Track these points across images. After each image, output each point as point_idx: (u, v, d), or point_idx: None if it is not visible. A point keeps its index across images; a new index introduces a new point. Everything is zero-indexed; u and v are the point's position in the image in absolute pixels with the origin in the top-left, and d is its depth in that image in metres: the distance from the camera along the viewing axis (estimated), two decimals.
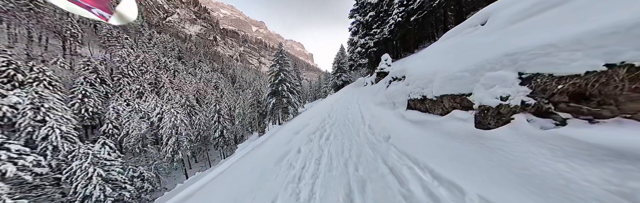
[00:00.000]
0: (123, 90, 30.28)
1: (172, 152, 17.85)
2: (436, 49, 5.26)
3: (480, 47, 2.91)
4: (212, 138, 23.87)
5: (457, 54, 3.50)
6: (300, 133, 6.02)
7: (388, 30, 14.75)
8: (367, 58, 20.21)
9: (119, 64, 33.65)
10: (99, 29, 41.48)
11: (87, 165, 11.29)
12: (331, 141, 4.14)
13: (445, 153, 2.25)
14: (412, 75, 4.78)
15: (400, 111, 4.67)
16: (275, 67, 20.47)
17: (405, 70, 5.68)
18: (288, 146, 4.74)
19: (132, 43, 44.48)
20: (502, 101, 2.01)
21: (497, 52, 2.31)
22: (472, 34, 3.91)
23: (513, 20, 2.80)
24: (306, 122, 7.67)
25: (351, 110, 7.58)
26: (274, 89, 20.56)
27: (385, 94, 6.65)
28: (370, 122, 4.80)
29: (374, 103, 7.36)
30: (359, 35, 19.23)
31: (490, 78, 2.20)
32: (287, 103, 20.34)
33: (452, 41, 4.54)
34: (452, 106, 3.02)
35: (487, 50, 2.58)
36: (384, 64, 11.72)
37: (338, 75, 31.20)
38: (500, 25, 3.02)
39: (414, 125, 3.53)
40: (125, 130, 22.13)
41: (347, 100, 10.64)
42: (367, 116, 5.59)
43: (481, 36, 3.31)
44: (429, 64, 4.31)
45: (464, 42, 3.72)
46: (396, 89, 5.75)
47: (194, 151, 26.39)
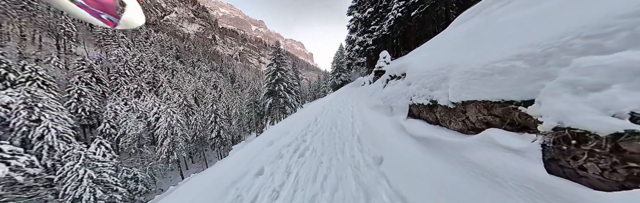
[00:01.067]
0: (120, 90, 29.95)
1: (167, 152, 17.55)
2: (448, 36, 4.25)
3: (536, 19, 1.83)
4: (209, 138, 23.56)
5: (486, 37, 2.43)
6: (274, 144, 4.96)
7: (387, 26, 14.20)
8: (365, 56, 19.60)
9: (115, 63, 33.25)
10: (94, 28, 41.02)
11: (78, 166, 10.99)
12: (306, 159, 3.26)
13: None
14: (415, 71, 3.81)
15: (399, 119, 3.72)
16: (272, 66, 20.05)
17: (405, 66, 4.71)
18: (250, 164, 3.81)
19: (128, 42, 44.03)
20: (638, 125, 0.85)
21: (600, 14, 1.18)
22: (507, 7, 2.95)
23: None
24: (287, 129, 6.53)
25: (343, 114, 6.60)
26: (270, 88, 20.14)
27: (382, 95, 5.60)
28: (360, 133, 3.98)
29: (368, 106, 6.34)
30: (357, 33, 18.58)
31: (588, 69, 1.05)
32: (284, 104, 19.97)
33: (473, 23, 3.58)
34: (483, 120, 1.90)
35: (559, 21, 1.47)
36: (382, 62, 11.22)
37: (337, 74, 30.92)
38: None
39: (419, 144, 2.53)
40: (122, 130, 21.83)
41: (341, 102, 10.00)
42: (359, 123, 4.72)
43: (526, 7, 2.31)
44: (440, 56, 3.27)
45: (496, 20, 2.69)
46: (394, 90, 4.72)
47: (191, 151, 26.10)
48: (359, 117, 5.46)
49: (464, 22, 4.30)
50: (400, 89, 4.35)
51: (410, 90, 3.67)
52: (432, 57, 3.61)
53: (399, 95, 4.23)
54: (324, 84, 52.36)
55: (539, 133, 1.31)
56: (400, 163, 2.26)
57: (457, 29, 4.29)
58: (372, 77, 12.17)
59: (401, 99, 4.04)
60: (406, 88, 3.93)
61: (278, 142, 5.05)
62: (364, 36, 17.50)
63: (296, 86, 26.12)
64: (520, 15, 2.19)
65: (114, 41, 39.94)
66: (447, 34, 4.76)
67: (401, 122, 3.52)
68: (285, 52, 24.83)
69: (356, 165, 2.58)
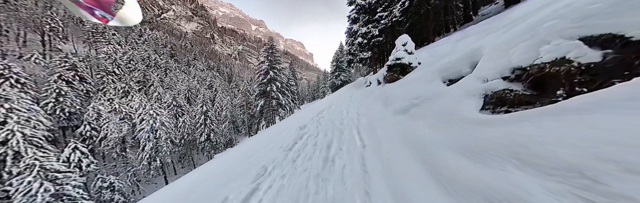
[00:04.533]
0: (107, 89, 28.33)
1: (149, 158, 15.91)
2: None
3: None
4: (198, 142, 21.90)
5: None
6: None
7: (399, 10, 11.72)
8: (369, 51, 16.33)
9: (103, 60, 31.63)
10: (84, 24, 39.39)
11: (31, 179, 9.40)
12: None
13: None
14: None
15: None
16: (263, 64, 18.23)
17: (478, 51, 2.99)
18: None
19: (120, 39, 42.40)
20: None
21: None
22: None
23: None
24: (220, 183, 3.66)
25: (343, 142, 3.61)
26: (262, 89, 18.33)
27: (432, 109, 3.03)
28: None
29: (392, 122, 3.68)
30: (360, 23, 15.82)
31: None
32: (277, 106, 18.22)
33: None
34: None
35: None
36: (401, 52, 8.00)
37: (337, 74, 29.41)
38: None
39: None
40: (103, 132, 20.21)
41: (339, 111, 6.87)
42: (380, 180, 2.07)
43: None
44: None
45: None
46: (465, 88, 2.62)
47: (180, 155, 24.49)
48: (378, 160, 2.58)
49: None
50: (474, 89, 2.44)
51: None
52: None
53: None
54: (323, 84, 50.94)
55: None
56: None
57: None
58: (383, 75, 9.10)
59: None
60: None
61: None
62: (369, 26, 15.02)
63: (293, 86, 24.54)
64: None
65: (104, 38, 38.30)
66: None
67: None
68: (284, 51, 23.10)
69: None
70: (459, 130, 2.14)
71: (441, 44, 8.65)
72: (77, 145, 16.45)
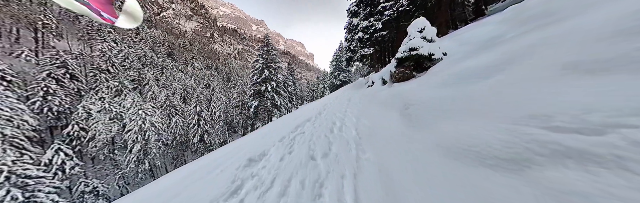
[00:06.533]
0: (99, 88, 27.51)
1: (137, 161, 15.09)
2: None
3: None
4: (191, 143, 21.05)
5: None
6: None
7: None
8: (371, 47, 14.64)
9: (98, 58, 30.82)
10: (79, 21, 38.57)
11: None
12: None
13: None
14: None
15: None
16: (258, 62, 17.27)
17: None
18: None
19: (116, 37, 41.58)
20: None
21: None
22: None
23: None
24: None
25: (330, 179, 2.14)
26: (256, 88, 17.40)
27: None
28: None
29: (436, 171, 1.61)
30: (361, 17, 14.35)
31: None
32: (272, 106, 17.31)
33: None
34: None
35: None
36: (417, 40, 6.27)
37: (336, 74, 28.62)
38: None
39: None
40: (92, 132, 19.38)
41: (326, 127, 4.65)
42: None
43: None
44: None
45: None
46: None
47: (173, 157, 23.62)
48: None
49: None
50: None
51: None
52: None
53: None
54: (322, 85, 50.15)
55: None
56: None
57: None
58: (389, 72, 7.46)
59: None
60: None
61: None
62: (371, 19, 13.60)
63: (291, 86, 23.70)
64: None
65: (100, 36, 37.48)
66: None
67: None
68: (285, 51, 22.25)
69: None
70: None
71: (472, 29, 6.87)
72: (61, 146, 15.63)
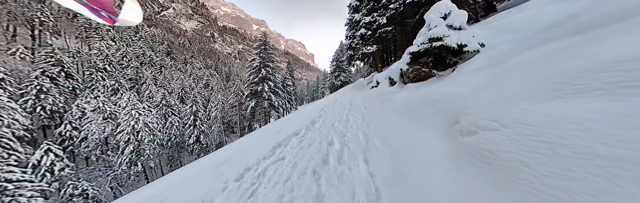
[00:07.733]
0: (95, 86, 27.06)
1: (129, 162, 14.62)
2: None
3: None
4: (187, 144, 20.57)
5: None
6: None
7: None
8: (375, 44, 13.51)
9: (95, 57, 30.38)
10: (77, 19, 38.17)
11: None
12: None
13: None
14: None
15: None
16: (255, 61, 16.74)
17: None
18: None
19: (114, 35, 41.15)
20: None
21: None
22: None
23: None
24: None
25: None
26: (253, 88, 16.86)
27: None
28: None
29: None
30: (363, 12, 13.28)
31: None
32: (269, 107, 16.80)
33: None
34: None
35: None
36: (441, 28, 4.85)
37: (336, 74, 28.15)
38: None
39: None
40: (84, 132, 18.91)
41: (325, 136, 3.90)
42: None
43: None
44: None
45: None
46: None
47: (168, 158, 23.13)
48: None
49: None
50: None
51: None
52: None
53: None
54: (322, 85, 49.68)
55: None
56: None
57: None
58: (399, 70, 6.24)
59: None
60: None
61: None
62: (374, 15, 12.50)
63: (290, 86, 23.24)
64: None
65: (97, 34, 37.06)
66: None
67: None
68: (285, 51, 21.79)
69: None
70: None
71: (508, 15, 5.08)
72: (51, 146, 15.14)
